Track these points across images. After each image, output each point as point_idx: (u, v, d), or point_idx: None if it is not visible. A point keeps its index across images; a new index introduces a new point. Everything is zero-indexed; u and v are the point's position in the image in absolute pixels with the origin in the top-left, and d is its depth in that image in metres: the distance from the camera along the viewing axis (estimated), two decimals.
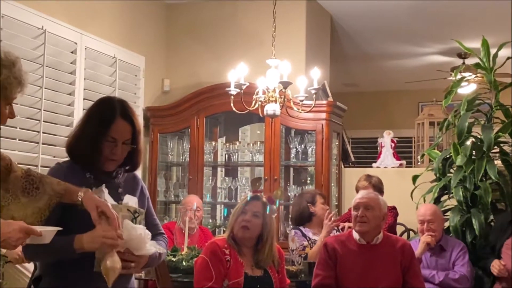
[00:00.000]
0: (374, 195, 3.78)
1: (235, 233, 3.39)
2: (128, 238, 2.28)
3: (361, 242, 3.64)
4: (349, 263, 3.59)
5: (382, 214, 3.66)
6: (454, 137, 5.00)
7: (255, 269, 3.38)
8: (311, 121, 5.46)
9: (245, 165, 6.00)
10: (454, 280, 4.09)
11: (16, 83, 1.94)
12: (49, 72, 4.58)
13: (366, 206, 3.63)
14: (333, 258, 3.62)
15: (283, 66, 4.37)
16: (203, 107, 5.74)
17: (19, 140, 4.38)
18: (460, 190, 4.66)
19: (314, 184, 5.49)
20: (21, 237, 1.83)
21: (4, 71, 1.91)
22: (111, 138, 2.38)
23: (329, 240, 3.75)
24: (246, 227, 3.36)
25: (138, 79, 5.72)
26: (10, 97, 1.95)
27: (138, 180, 2.61)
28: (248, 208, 3.39)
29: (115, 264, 2.17)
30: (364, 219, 3.60)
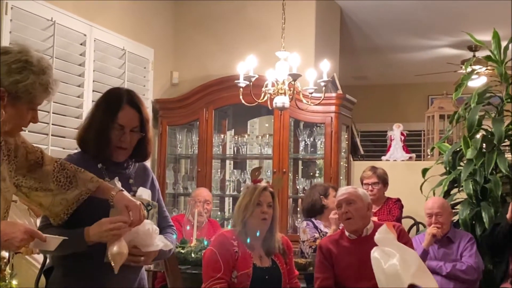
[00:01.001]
0: (352, 189, 3.75)
1: (251, 226, 3.36)
2: (135, 234, 2.28)
3: (352, 237, 3.63)
4: (345, 261, 3.58)
5: (366, 204, 3.63)
6: (464, 130, 4.97)
7: (263, 260, 3.38)
8: (320, 113, 5.44)
9: (253, 157, 5.99)
10: (461, 271, 4.08)
11: (41, 90, 1.94)
12: (59, 64, 4.59)
13: (348, 201, 3.62)
14: (329, 259, 3.62)
15: (292, 58, 4.36)
16: (212, 99, 5.73)
17: (29, 132, 4.38)
18: (470, 183, 4.64)
19: (323, 177, 5.48)
20: (25, 239, 1.84)
21: (32, 76, 1.91)
22: (119, 126, 2.40)
23: (323, 242, 3.75)
24: (265, 219, 3.36)
25: (147, 71, 5.72)
26: (35, 102, 1.95)
27: (149, 171, 2.61)
28: (263, 200, 3.37)
29: (121, 250, 2.18)
30: (348, 215, 3.59)
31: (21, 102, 1.91)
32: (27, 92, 1.91)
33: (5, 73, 1.89)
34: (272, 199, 3.41)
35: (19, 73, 1.90)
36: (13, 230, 1.83)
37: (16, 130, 1.99)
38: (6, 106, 1.90)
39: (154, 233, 2.36)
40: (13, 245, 1.84)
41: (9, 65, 1.90)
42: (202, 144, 5.73)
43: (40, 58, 1.97)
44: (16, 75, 1.89)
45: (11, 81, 1.89)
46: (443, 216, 4.24)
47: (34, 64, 1.93)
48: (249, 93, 4.42)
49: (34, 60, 1.94)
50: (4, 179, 1.99)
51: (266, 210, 3.36)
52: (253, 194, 3.38)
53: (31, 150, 2.14)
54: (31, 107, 1.95)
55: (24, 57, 1.93)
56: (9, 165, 2.04)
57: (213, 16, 6.08)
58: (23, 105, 1.92)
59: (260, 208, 3.36)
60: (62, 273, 2.41)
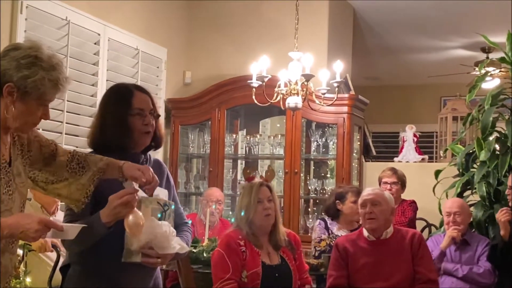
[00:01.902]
0: (379, 190, 3.77)
1: (257, 224, 3.38)
2: (152, 236, 2.28)
3: (370, 239, 3.64)
4: (360, 261, 3.60)
5: (390, 208, 3.65)
6: (478, 132, 4.94)
7: (272, 257, 3.39)
8: (332, 114, 5.43)
9: (265, 157, 6.00)
10: (478, 274, 4.05)
11: (51, 85, 1.93)
12: (73, 63, 4.61)
13: (373, 202, 3.62)
14: (344, 257, 3.63)
15: (305, 59, 4.36)
16: (224, 99, 5.74)
17: (43, 130, 4.40)
18: (483, 185, 4.61)
19: (335, 178, 5.47)
20: (40, 229, 1.82)
21: (41, 72, 1.90)
22: (138, 110, 2.42)
23: (339, 240, 3.76)
24: (269, 215, 3.38)
25: (160, 71, 5.73)
26: (45, 98, 1.94)
27: (164, 167, 2.62)
28: (262, 196, 3.39)
29: (138, 220, 2.18)
30: (372, 216, 3.60)
31: (31, 97, 1.91)
32: (36, 87, 1.90)
33: (14, 68, 1.89)
34: (270, 192, 3.43)
35: (28, 68, 1.89)
36: (28, 222, 1.82)
37: (27, 126, 1.98)
38: (16, 102, 1.90)
39: (171, 235, 2.36)
40: (29, 236, 1.83)
41: (18, 60, 1.89)
42: (214, 143, 5.74)
43: (51, 54, 1.96)
44: (25, 70, 1.89)
45: (20, 76, 1.89)
46: (462, 216, 4.23)
47: (44, 60, 1.92)
48: (261, 93, 4.43)
49: (43, 56, 1.93)
50: (19, 174, 1.99)
51: (268, 206, 3.38)
52: (252, 193, 3.39)
53: (45, 144, 2.14)
54: (41, 103, 1.94)
55: (34, 53, 1.92)
56: (23, 159, 2.05)
57: (226, 16, 6.09)
58: (33, 101, 1.92)
59: (261, 205, 3.38)
60: (79, 271, 2.42)
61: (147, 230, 2.28)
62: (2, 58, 1.91)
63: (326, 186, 5.56)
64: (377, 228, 3.61)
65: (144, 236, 2.27)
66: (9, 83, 1.88)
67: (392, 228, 3.65)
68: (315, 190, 5.58)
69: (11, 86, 1.88)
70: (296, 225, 5.45)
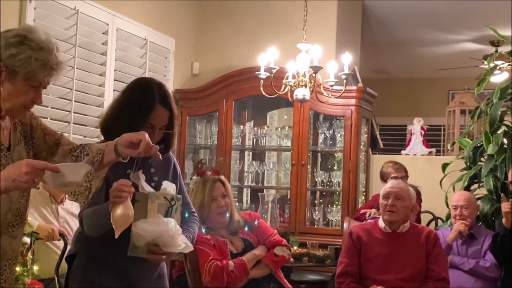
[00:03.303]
0: (404, 185, 3.78)
1: (212, 221, 3.38)
2: (158, 234, 2.29)
3: (386, 230, 3.64)
4: (373, 251, 3.61)
5: (411, 205, 3.66)
6: (485, 125, 4.93)
7: (236, 244, 3.42)
8: (340, 106, 5.42)
9: (272, 149, 6.00)
10: (485, 268, 4.05)
11: (39, 65, 1.91)
12: (81, 53, 4.62)
13: (397, 196, 3.62)
14: (357, 246, 3.64)
15: (313, 50, 4.35)
16: (232, 90, 5.74)
17: (51, 119, 4.43)
18: (490, 179, 4.61)
19: (342, 170, 5.47)
20: (29, 171, 1.78)
21: (28, 51, 1.90)
22: (149, 125, 2.40)
23: (354, 229, 3.76)
24: (224, 212, 3.38)
25: (168, 62, 5.73)
26: (33, 79, 1.93)
27: (170, 157, 2.62)
28: (216, 193, 3.37)
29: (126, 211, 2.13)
30: (393, 209, 3.60)
31: (19, 77, 1.90)
32: (23, 66, 1.89)
33: (3, 47, 1.90)
34: (224, 187, 3.41)
35: (16, 47, 1.90)
36: (15, 168, 1.79)
37: (18, 109, 1.97)
38: (4, 82, 1.90)
39: (177, 233, 2.36)
40: (21, 182, 1.78)
41: (8, 39, 1.90)
42: (221, 135, 5.75)
43: (43, 37, 1.95)
44: (12, 49, 1.89)
45: (8, 54, 1.89)
46: (469, 209, 4.22)
47: (33, 40, 1.92)
48: (269, 84, 4.42)
49: (33, 36, 1.93)
50: (21, 159, 1.99)
51: (222, 203, 3.37)
52: (205, 191, 3.36)
53: (49, 132, 2.13)
54: (31, 85, 1.93)
55: (23, 33, 1.93)
56: (26, 146, 2.05)
57: (235, 7, 6.08)
58: (21, 81, 1.91)
59: (216, 203, 3.37)
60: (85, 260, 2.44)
61: (153, 228, 2.28)
62: None
63: (333, 178, 5.56)
64: (396, 222, 3.62)
65: (150, 234, 2.27)
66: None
67: (409, 224, 3.66)
68: (322, 182, 5.58)
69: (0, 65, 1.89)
70: (303, 217, 5.46)
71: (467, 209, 4.22)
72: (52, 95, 4.44)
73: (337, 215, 5.47)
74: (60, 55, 1.99)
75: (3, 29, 2.01)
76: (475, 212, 4.31)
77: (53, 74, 1.97)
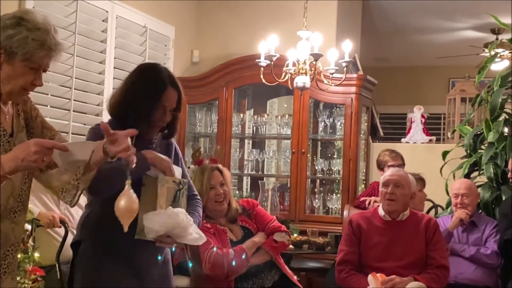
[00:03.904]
0: (404, 172, 3.77)
1: (210, 209, 3.38)
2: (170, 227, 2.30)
3: (386, 219, 3.65)
4: (373, 239, 3.62)
5: (411, 192, 3.66)
6: (486, 113, 4.93)
7: (235, 232, 3.43)
8: (340, 94, 5.41)
9: (272, 137, 6.00)
10: (485, 255, 4.06)
11: (36, 45, 1.91)
12: (81, 40, 4.61)
13: (396, 184, 3.62)
14: (357, 234, 3.65)
15: (314, 38, 4.33)
16: (232, 78, 5.72)
17: (50, 107, 4.43)
18: (490, 166, 4.61)
19: (342, 159, 5.47)
20: (38, 150, 1.78)
21: (25, 32, 1.90)
22: (162, 106, 2.44)
23: (354, 217, 3.77)
24: (222, 201, 3.38)
25: (168, 49, 5.72)
26: (31, 60, 1.92)
27: (172, 142, 2.64)
28: (215, 182, 3.38)
29: (131, 204, 2.06)
30: (393, 197, 3.60)
31: (17, 58, 1.90)
32: (21, 47, 1.89)
33: (1, 29, 1.90)
34: (222, 176, 3.42)
35: (13, 28, 1.89)
36: (24, 148, 1.80)
37: (18, 92, 1.96)
38: (3, 64, 1.90)
39: (189, 224, 2.37)
40: (31, 161, 1.78)
41: (5, 21, 1.91)
42: (221, 123, 5.74)
43: (41, 18, 1.95)
44: (9, 30, 1.89)
45: (5, 36, 1.89)
46: (469, 197, 4.23)
47: (29, 21, 1.91)
48: (269, 72, 4.41)
49: (29, 17, 1.92)
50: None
51: (220, 191, 3.38)
52: (203, 179, 3.36)
53: (48, 127, 2.12)
54: (30, 66, 1.93)
55: (20, 14, 1.93)
56: (27, 134, 2.04)
57: None
58: (20, 62, 1.91)
59: (214, 191, 3.37)
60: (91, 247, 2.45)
61: (164, 220, 2.28)
62: None
63: (333, 166, 5.56)
64: (395, 210, 3.63)
65: (162, 227, 2.28)
66: None
67: (408, 211, 3.67)
68: (322, 171, 5.58)
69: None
70: (303, 205, 5.46)
71: (468, 197, 4.23)
72: (52, 83, 4.43)
73: (337, 203, 5.47)
74: (58, 36, 1.97)
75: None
76: (475, 200, 4.31)
77: (51, 55, 1.96)
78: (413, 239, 3.59)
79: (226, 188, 3.41)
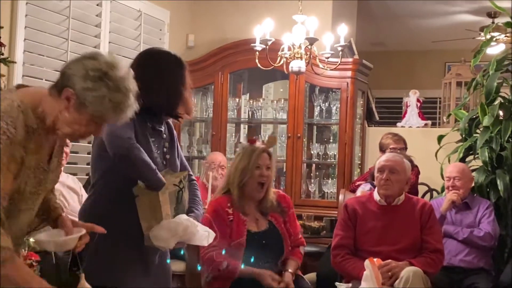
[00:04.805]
0: (399, 158, 3.75)
1: (249, 189, 3.30)
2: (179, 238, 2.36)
3: (381, 203, 3.66)
4: (369, 224, 3.63)
5: (406, 178, 3.66)
6: (481, 97, 4.93)
7: (260, 223, 3.33)
8: (336, 79, 5.41)
9: (268, 122, 6.00)
10: (478, 237, 4.08)
11: (110, 107, 1.84)
12: (75, 25, 4.58)
13: (392, 170, 3.62)
14: (352, 219, 3.66)
15: (309, 22, 4.32)
16: (228, 63, 5.71)
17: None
18: (485, 150, 4.62)
19: (338, 143, 5.47)
20: None
21: (104, 90, 1.83)
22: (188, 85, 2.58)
23: (349, 201, 3.78)
24: (264, 183, 3.30)
25: (163, 34, 5.69)
26: (101, 117, 1.87)
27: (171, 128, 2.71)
28: (262, 163, 3.29)
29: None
30: (388, 183, 3.60)
31: (87, 111, 1.84)
32: (95, 104, 1.83)
33: (81, 77, 1.82)
34: (270, 160, 3.34)
35: (94, 81, 1.82)
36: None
37: (75, 136, 1.93)
38: (71, 108, 1.84)
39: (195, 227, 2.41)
40: None
41: (88, 70, 1.83)
42: (217, 107, 5.73)
43: (124, 77, 1.87)
44: (89, 82, 1.82)
45: (83, 87, 1.82)
46: (461, 180, 4.24)
47: (112, 78, 1.84)
48: (265, 57, 4.40)
49: (113, 74, 1.84)
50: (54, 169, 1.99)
51: (265, 174, 3.29)
52: (252, 157, 3.29)
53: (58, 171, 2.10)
54: (95, 120, 1.87)
55: (105, 69, 1.84)
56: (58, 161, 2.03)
57: None
58: (88, 114, 1.85)
59: (259, 171, 3.28)
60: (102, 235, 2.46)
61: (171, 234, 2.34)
62: (76, 61, 1.87)
63: (329, 151, 5.57)
64: (391, 196, 3.63)
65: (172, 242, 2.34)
66: (71, 89, 1.83)
67: (404, 196, 3.67)
68: (317, 155, 5.59)
69: (71, 93, 1.83)
70: (298, 189, 5.47)
71: (460, 180, 4.24)
72: (46, 68, 4.42)
73: (332, 187, 5.48)
74: (134, 94, 1.90)
75: None
76: (468, 182, 4.32)
77: (121, 117, 1.91)
78: (408, 223, 3.60)
79: (270, 173, 3.34)
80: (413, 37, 8.71)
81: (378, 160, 3.82)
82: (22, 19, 4.10)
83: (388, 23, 8.17)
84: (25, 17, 4.14)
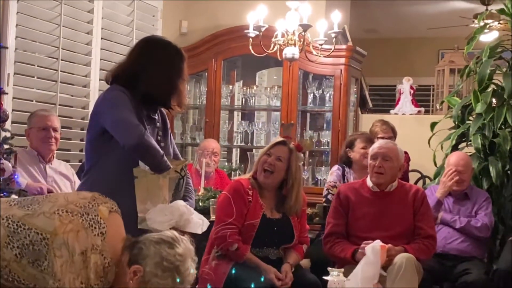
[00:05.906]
0: (392, 145, 3.76)
1: (257, 175, 3.42)
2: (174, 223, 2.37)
3: (374, 190, 3.67)
4: (361, 210, 3.65)
5: (399, 165, 3.67)
6: (474, 84, 4.93)
7: (274, 212, 3.42)
8: (329, 66, 5.39)
9: (261, 109, 5.99)
10: (475, 227, 4.06)
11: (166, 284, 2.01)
12: (68, 11, 4.55)
13: (384, 157, 3.63)
14: (345, 206, 3.67)
15: (303, 8, 4.31)
16: (221, 49, 5.69)
17: (37, 78, 4.38)
18: (478, 137, 4.63)
19: (331, 130, 5.47)
20: None
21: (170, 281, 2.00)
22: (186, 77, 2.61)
23: (342, 188, 3.79)
24: (268, 170, 3.38)
25: (156, 20, 5.66)
26: None
27: (163, 114, 2.71)
28: (273, 152, 3.40)
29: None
30: (381, 170, 3.62)
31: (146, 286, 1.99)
32: (156, 286, 1.99)
33: (154, 262, 1.98)
34: (290, 155, 3.39)
35: (163, 271, 1.99)
36: None
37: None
38: (135, 281, 1.99)
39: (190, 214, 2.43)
40: None
41: (163, 258, 1.99)
42: (210, 94, 5.72)
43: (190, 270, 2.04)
44: (159, 271, 1.98)
45: (152, 271, 1.98)
46: (466, 174, 4.20)
47: (181, 273, 2.00)
48: (258, 43, 4.39)
49: (183, 269, 2.01)
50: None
51: (271, 162, 3.36)
52: (269, 145, 3.45)
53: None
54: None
55: (178, 263, 2.00)
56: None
57: None
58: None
59: (266, 158, 3.38)
60: None
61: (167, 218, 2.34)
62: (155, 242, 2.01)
63: (322, 138, 5.57)
64: (384, 183, 3.64)
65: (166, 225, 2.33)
66: (140, 268, 1.99)
67: (397, 182, 3.68)
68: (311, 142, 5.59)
69: (140, 270, 1.98)
70: None
71: (465, 173, 4.19)
72: (38, 54, 4.39)
73: (326, 174, 5.48)
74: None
75: None
76: (471, 174, 4.31)
77: None
78: (401, 209, 3.62)
79: (282, 165, 3.37)
80: (407, 24, 8.70)
81: (371, 147, 3.82)
82: (14, 4, 4.07)
83: (381, 10, 8.16)
84: (17, 2, 4.11)
